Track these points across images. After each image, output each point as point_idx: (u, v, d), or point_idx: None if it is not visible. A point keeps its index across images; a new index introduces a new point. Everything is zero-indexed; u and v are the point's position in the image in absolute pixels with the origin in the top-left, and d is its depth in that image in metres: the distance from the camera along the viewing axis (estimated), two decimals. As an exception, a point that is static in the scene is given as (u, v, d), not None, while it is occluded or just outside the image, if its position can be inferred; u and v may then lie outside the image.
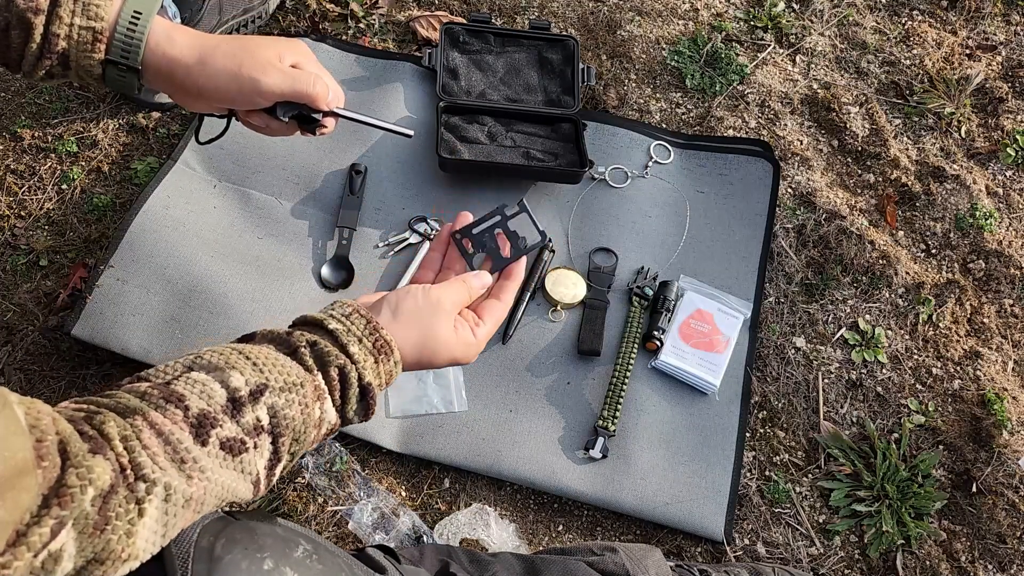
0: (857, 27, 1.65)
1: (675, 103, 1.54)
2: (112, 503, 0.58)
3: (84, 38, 0.83)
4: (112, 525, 0.58)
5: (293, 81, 0.91)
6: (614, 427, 1.23)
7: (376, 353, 0.77)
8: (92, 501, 0.57)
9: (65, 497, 0.55)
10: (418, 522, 1.16)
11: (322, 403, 0.73)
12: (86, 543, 0.57)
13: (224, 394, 0.68)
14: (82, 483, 0.57)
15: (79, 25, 0.82)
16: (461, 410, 1.23)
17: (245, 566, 0.66)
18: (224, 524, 0.70)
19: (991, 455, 1.26)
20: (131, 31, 0.84)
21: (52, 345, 1.25)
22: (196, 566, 0.65)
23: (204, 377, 0.68)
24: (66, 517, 0.55)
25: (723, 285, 1.35)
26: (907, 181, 1.48)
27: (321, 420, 0.73)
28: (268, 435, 0.69)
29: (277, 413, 0.70)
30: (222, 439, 0.66)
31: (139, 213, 1.29)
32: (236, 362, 0.70)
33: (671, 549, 1.19)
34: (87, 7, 0.82)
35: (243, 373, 0.69)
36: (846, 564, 1.20)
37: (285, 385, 0.71)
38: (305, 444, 0.73)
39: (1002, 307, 1.39)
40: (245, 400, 0.68)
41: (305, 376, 0.72)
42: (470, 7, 1.61)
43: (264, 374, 0.70)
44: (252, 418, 0.68)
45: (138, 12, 0.85)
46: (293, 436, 0.71)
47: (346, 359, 0.74)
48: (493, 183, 1.41)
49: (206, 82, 0.88)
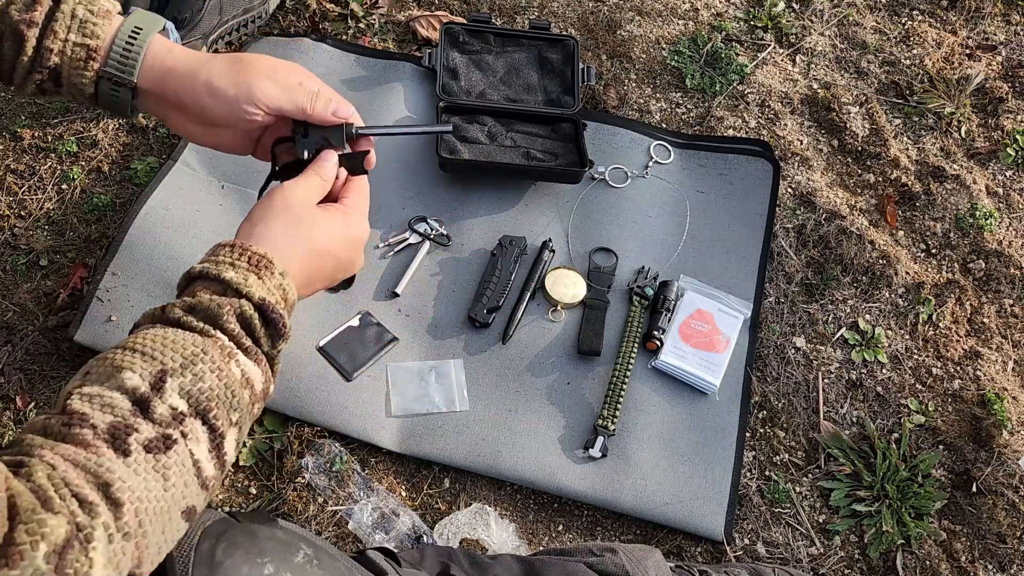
0: (857, 27, 1.65)
1: (675, 103, 1.54)
2: (69, 559, 0.55)
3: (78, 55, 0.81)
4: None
5: (290, 93, 0.85)
6: (614, 426, 1.23)
7: (256, 269, 0.73)
8: (46, 558, 0.54)
9: (14, 556, 0.53)
10: (418, 522, 1.17)
11: (236, 359, 0.69)
12: None
13: (124, 399, 0.64)
14: (32, 539, 0.54)
15: (73, 41, 0.81)
16: (462, 409, 1.23)
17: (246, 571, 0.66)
18: (226, 527, 0.69)
19: (991, 455, 1.26)
20: (129, 46, 0.83)
21: (52, 345, 1.25)
22: (197, 571, 0.65)
23: (97, 389, 0.65)
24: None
25: (723, 285, 1.35)
26: (907, 181, 1.48)
27: (246, 377, 0.70)
28: (194, 418, 0.66)
29: (191, 392, 0.66)
30: (143, 443, 0.63)
31: (139, 214, 1.29)
32: (124, 361, 0.66)
33: (671, 549, 1.19)
34: (84, 24, 0.81)
35: (134, 370, 0.66)
36: (846, 564, 1.20)
37: (185, 361, 0.67)
38: (243, 406, 0.69)
39: (1002, 307, 1.39)
40: (149, 395, 0.65)
41: (203, 342, 0.69)
42: (470, 7, 1.61)
43: (158, 360, 0.66)
44: (165, 410, 0.65)
45: (138, 28, 0.83)
46: (224, 406, 0.67)
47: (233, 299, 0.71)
48: (493, 183, 1.41)
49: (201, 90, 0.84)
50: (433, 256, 1.35)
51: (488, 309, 1.29)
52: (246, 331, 0.71)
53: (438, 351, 1.28)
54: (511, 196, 1.40)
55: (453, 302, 1.31)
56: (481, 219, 1.38)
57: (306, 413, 1.21)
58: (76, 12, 0.81)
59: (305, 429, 1.20)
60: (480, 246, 1.36)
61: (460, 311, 1.31)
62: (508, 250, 1.34)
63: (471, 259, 1.35)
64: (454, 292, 1.32)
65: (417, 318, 1.30)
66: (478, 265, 1.34)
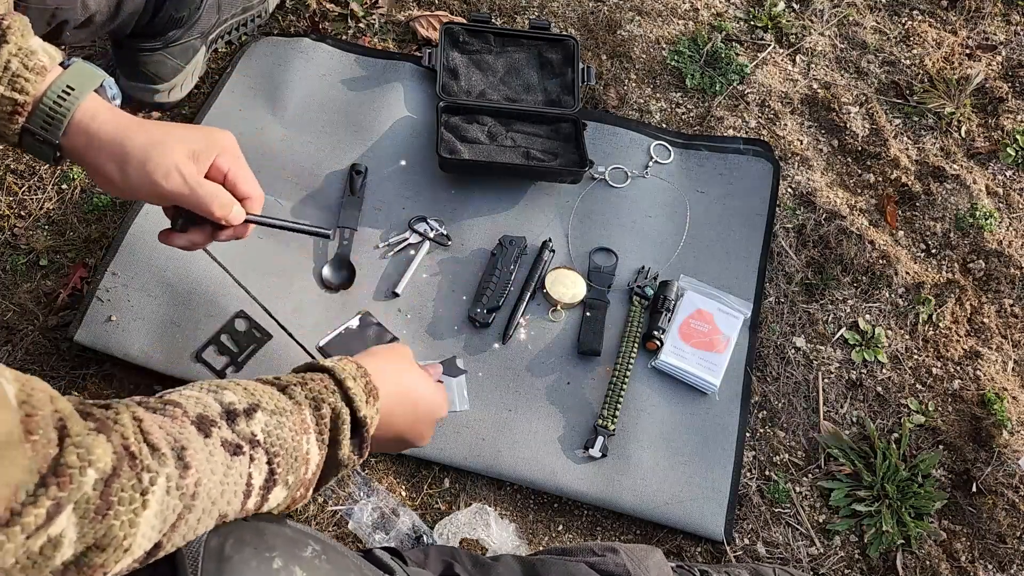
0: (857, 27, 1.65)
1: (675, 103, 1.54)
2: (114, 487, 0.57)
3: (3, 106, 0.81)
4: (115, 510, 0.57)
5: (192, 190, 0.89)
6: (614, 426, 1.23)
7: (367, 394, 0.78)
8: (94, 484, 0.56)
9: (64, 478, 0.54)
10: (418, 522, 1.17)
11: (308, 436, 0.73)
12: (87, 528, 0.55)
13: (219, 407, 0.69)
14: (82, 464, 0.55)
15: (1, 93, 0.81)
16: (463, 409, 1.23)
17: (255, 565, 0.66)
18: (234, 524, 0.70)
19: (991, 455, 1.26)
20: (58, 105, 0.83)
21: (52, 345, 1.25)
22: (206, 565, 0.65)
23: (197, 393, 0.70)
24: (64, 499, 0.54)
25: (723, 285, 1.35)
26: (907, 181, 1.48)
27: (308, 456, 0.73)
28: (263, 451, 0.69)
29: (271, 432, 0.70)
30: (222, 439, 0.67)
31: (139, 214, 1.29)
32: (227, 385, 0.72)
33: (671, 549, 1.19)
34: (15, 78, 0.81)
35: (235, 393, 0.71)
36: (846, 564, 1.20)
37: (276, 409, 0.72)
38: (297, 474, 0.73)
39: (1002, 307, 1.39)
40: (240, 412, 0.69)
41: (292, 406, 0.73)
42: (470, 7, 1.61)
43: (256, 397, 0.72)
44: (247, 430, 0.69)
45: (71, 87, 0.83)
46: (287, 459, 0.71)
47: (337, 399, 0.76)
48: (493, 183, 1.41)
49: (112, 168, 0.86)
50: (433, 256, 1.35)
51: (488, 309, 1.29)
52: (332, 425, 0.75)
53: (438, 351, 1.28)
54: (511, 196, 1.40)
55: (453, 302, 1.31)
56: (481, 219, 1.38)
57: (306, 413, 1.20)
58: (10, 64, 0.81)
59: (305, 429, 1.20)
60: (480, 246, 1.36)
61: (460, 311, 1.31)
62: (508, 250, 1.34)
63: (471, 259, 1.35)
64: (454, 292, 1.32)
65: (417, 318, 1.30)
66: (478, 265, 1.34)
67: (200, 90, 1.47)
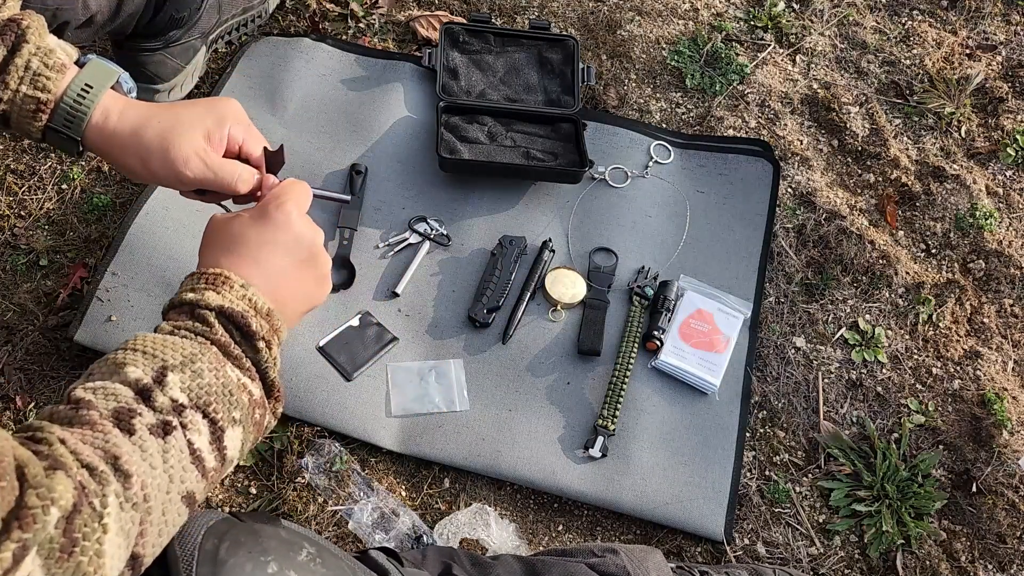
0: (857, 27, 1.65)
1: (675, 103, 1.54)
2: (77, 523, 0.56)
3: (27, 105, 0.82)
4: (80, 547, 0.56)
5: (211, 174, 0.89)
6: (614, 426, 1.23)
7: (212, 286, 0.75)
8: (56, 523, 0.55)
9: (26, 519, 0.53)
10: (418, 522, 1.17)
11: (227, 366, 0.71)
12: (55, 569, 0.55)
13: (127, 389, 0.66)
14: (43, 503, 0.54)
15: (24, 92, 0.82)
16: (463, 409, 1.23)
17: (249, 569, 0.66)
18: (228, 526, 0.69)
19: (991, 455, 1.26)
20: (78, 103, 0.84)
21: (52, 345, 1.25)
22: (200, 569, 0.65)
23: (100, 383, 0.67)
24: (29, 541, 0.53)
25: (723, 285, 1.35)
26: (907, 181, 1.48)
27: (242, 382, 0.72)
28: (194, 411, 0.68)
29: (191, 387, 0.68)
30: (147, 426, 0.65)
31: (139, 215, 1.29)
32: (126, 358, 0.69)
33: (671, 549, 1.19)
34: (36, 77, 0.82)
35: (136, 365, 0.68)
36: (846, 564, 1.20)
37: (185, 359, 0.69)
38: (243, 407, 0.71)
39: (1002, 307, 1.39)
40: (151, 386, 0.67)
41: (199, 346, 0.71)
42: (470, 7, 1.61)
43: (159, 358, 0.69)
44: (166, 400, 0.67)
45: (89, 86, 0.84)
46: (224, 403, 0.69)
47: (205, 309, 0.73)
48: (493, 183, 1.41)
49: (136, 163, 0.88)
50: (433, 256, 1.35)
51: (488, 309, 1.29)
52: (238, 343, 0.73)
53: (438, 351, 1.28)
54: (511, 196, 1.40)
55: (453, 302, 1.31)
56: (481, 219, 1.38)
57: (306, 413, 1.21)
58: (31, 64, 0.82)
59: (305, 429, 1.20)
60: (480, 246, 1.36)
61: (460, 311, 1.31)
62: (508, 250, 1.34)
63: (471, 259, 1.35)
64: (454, 292, 1.32)
65: (417, 318, 1.30)
66: (478, 265, 1.34)
67: (200, 90, 1.47)
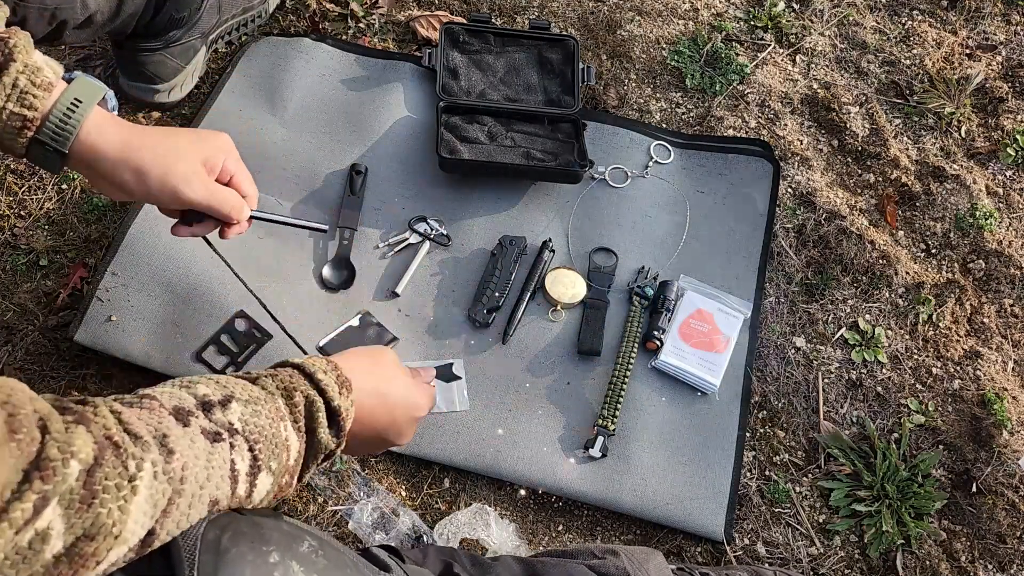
0: (857, 27, 1.65)
1: (675, 103, 1.54)
2: (98, 476, 0.58)
3: (13, 122, 0.83)
4: (100, 499, 0.58)
5: (211, 197, 0.94)
6: (614, 426, 1.23)
7: (339, 386, 0.80)
8: (77, 476, 0.57)
9: (47, 471, 0.55)
10: (418, 522, 1.17)
11: (284, 424, 0.75)
12: (74, 519, 0.57)
13: (193, 399, 0.70)
14: (64, 456, 0.56)
15: (11, 110, 0.82)
16: (463, 409, 1.23)
17: (251, 558, 0.67)
18: (230, 519, 0.70)
19: (991, 455, 1.26)
20: (66, 118, 0.85)
21: (52, 345, 1.25)
22: (203, 557, 0.65)
23: (171, 389, 0.71)
24: (49, 492, 0.55)
25: (723, 285, 1.35)
26: (907, 181, 1.48)
27: (288, 443, 0.75)
28: (243, 439, 0.70)
29: (247, 420, 0.71)
30: (201, 427, 0.68)
31: (139, 214, 1.29)
32: (199, 380, 0.73)
33: (671, 549, 1.19)
34: (23, 95, 0.82)
35: (208, 386, 0.72)
36: (846, 564, 1.20)
37: (250, 398, 0.73)
38: (280, 460, 0.74)
39: (1002, 307, 1.39)
40: (215, 403, 0.71)
41: (265, 395, 0.75)
42: (470, 7, 1.61)
43: (228, 388, 0.73)
44: (224, 419, 0.70)
45: (78, 100, 0.85)
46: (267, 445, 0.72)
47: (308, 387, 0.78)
48: (493, 183, 1.41)
49: (129, 178, 0.89)
50: (433, 256, 1.35)
51: (488, 309, 1.29)
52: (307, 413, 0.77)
53: (438, 351, 1.28)
54: (511, 196, 1.40)
55: (453, 302, 1.31)
56: (481, 219, 1.38)
57: (306, 413, 1.20)
58: (18, 82, 0.82)
59: (305, 429, 1.20)
60: (480, 246, 1.36)
61: (460, 311, 1.31)
62: (508, 250, 1.34)
63: (471, 259, 1.35)
64: (454, 292, 1.32)
65: (417, 318, 1.30)
66: (478, 265, 1.34)
67: (200, 90, 1.47)
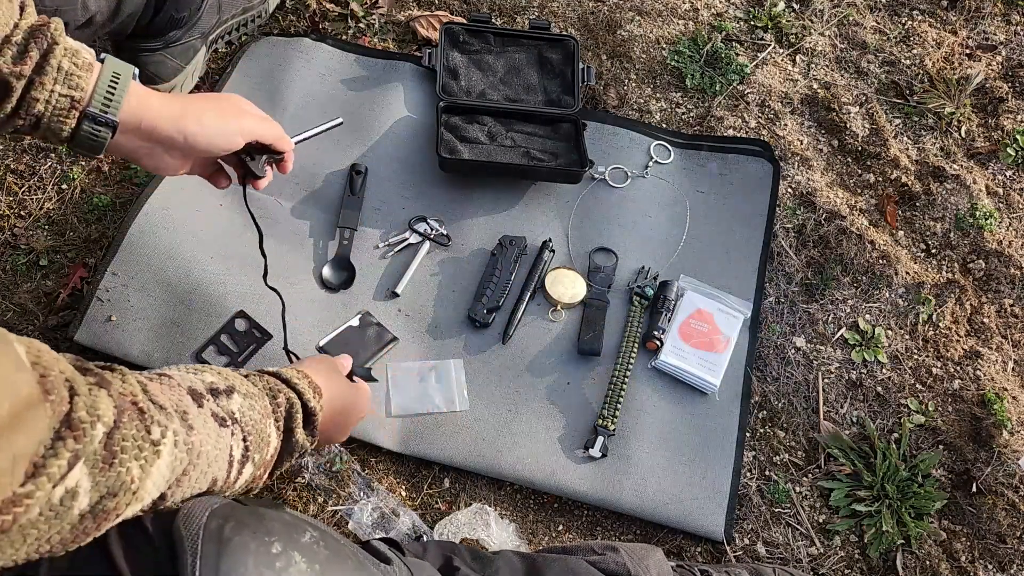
0: (857, 27, 1.65)
1: (675, 103, 1.54)
2: (116, 438, 0.61)
3: (61, 104, 0.85)
4: (119, 459, 0.61)
5: (266, 120, 1.03)
6: (614, 426, 1.23)
7: (313, 391, 0.90)
8: (100, 439, 0.60)
9: (78, 431, 0.58)
10: (418, 522, 1.17)
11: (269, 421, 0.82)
12: (99, 478, 0.60)
13: (203, 384, 0.76)
14: (92, 419, 0.59)
15: (59, 92, 0.85)
16: (462, 409, 1.23)
17: (254, 548, 0.67)
18: (233, 509, 0.71)
19: (991, 455, 1.26)
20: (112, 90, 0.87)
21: (52, 345, 1.24)
22: (206, 547, 0.66)
23: (181, 374, 0.77)
24: (80, 451, 0.58)
25: (723, 285, 1.35)
26: (907, 181, 1.48)
27: (269, 439, 0.82)
28: (240, 428, 0.77)
29: (245, 413, 0.78)
30: (211, 410, 0.74)
31: (139, 214, 1.29)
32: (206, 369, 0.80)
33: (671, 549, 1.19)
34: (69, 76, 0.85)
35: (213, 375, 0.79)
36: (846, 564, 1.20)
37: (248, 393, 0.80)
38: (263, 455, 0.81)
39: (1002, 307, 1.39)
40: (221, 391, 0.77)
41: (258, 392, 0.83)
42: (470, 7, 1.61)
43: (230, 381, 0.80)
44: (229, 407, 0.77)
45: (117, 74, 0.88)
46: (256, 439, 0.79)
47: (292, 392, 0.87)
48: (493, 183, 1.41)
49: (191, 125, 0.94)
50: (433, 256, 1.35)
51: (488, 309, 1.29)
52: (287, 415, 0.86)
53: (438, 351, 1.28)
54: (511, 196, 1.40)
55: (453, 302, 1.31)
56: (481, 219, 1.38)
57: (306, 413, 1.21)
58: (62, 65, 0.85)
59: (305, 429, 1.20)
60: (480, 246, 1.36)
61: (460, 311, 1.31)
62: (508, 250, 1.34)
63: (471, 259, 1.35)
64: (454, 292, 1.32)
65: (417, 318, 1.30)
66: (478, 265, 1.34)
67: (200, 90, 1.47)
